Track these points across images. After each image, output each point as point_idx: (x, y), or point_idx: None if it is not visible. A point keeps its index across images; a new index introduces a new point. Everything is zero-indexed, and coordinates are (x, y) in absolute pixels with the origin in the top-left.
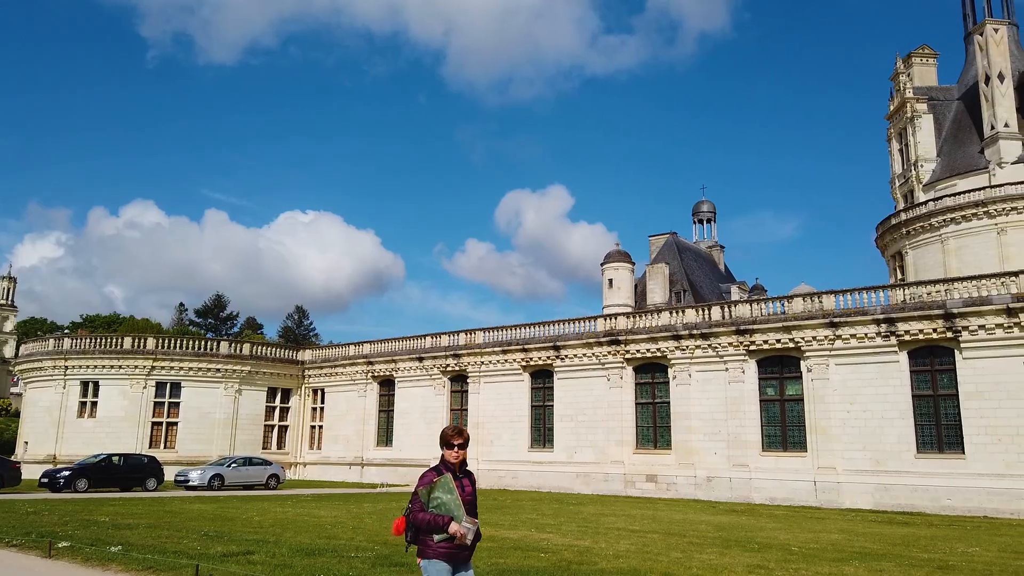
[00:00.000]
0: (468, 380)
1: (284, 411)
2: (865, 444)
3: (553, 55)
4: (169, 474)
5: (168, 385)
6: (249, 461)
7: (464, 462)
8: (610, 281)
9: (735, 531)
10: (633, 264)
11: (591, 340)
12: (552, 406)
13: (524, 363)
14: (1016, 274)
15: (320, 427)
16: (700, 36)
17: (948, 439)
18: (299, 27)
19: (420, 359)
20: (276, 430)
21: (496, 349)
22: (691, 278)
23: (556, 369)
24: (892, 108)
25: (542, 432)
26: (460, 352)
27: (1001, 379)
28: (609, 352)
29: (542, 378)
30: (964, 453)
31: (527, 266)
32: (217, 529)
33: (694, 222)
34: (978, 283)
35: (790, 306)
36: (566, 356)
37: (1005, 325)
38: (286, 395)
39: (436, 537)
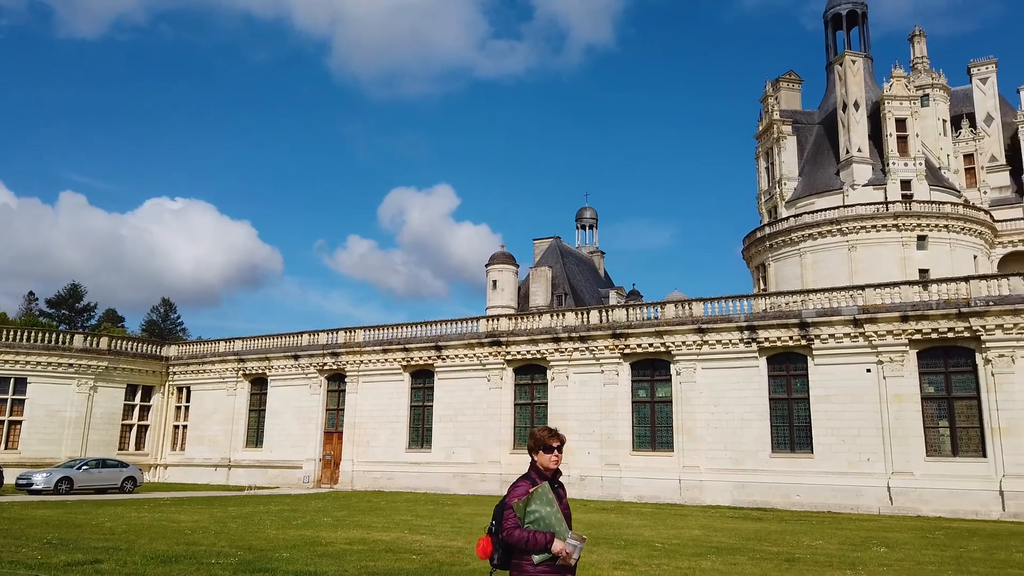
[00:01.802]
0: (346, 379)
1: (145, 410)
2: (727, 444)
3: (441, 55)
4: (10, 477)
5: (11, 380)
6: (103, 463)
7: (559, 470)
8: (494, 282)
9: (604, 529)
10: (517, 266)
11: (473, 341)
12: (432, 406)
13: (405, 363)
14: (863, 288)
15: (184, 427)
16: (586, 47)
17: (799, 440)
18: (172, 5)
19: (296, 357)
20: (135, 430)
21: (377, 348)
22: (572, 282)
23: (437, 369)
24: (761, 128)
25: (420, 433)
26: (339, 351)
27: (847, 384)
28: (490, 353)
29: (422, 378)
30: (813, 453)
31: (410, 265)
32: (62, 536)
33: (577, 227)
34: (830, 295)
35: (663, 312)
36: (447, 356)
37: (852, 335)
38: (148, 393)
39: (536, 558)
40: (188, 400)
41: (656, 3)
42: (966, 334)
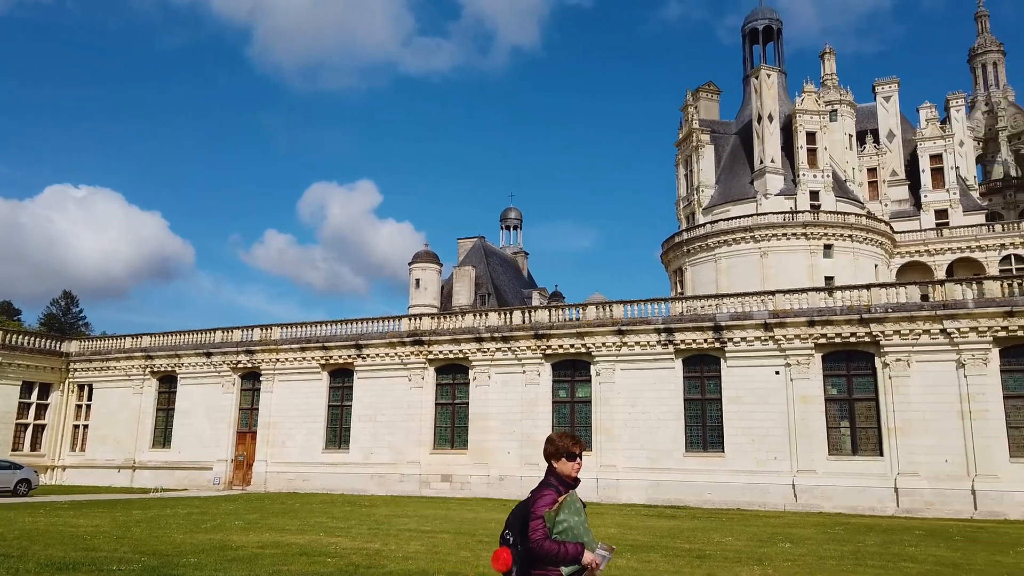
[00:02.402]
0: (261, 378)
1: (42, 408)
2: (643, 444)
3: (366, 48)
4: None
5: None
6: None
7: (578, 478)
8: (417, 281)
9: None
10: (441, 265)
11: (395, 340)
12: (351, 406)
13: (323, 361)
14: (773, 293)
15: (85, 427)
16: (513, 49)
17: (711, 439)
18: None
19: (208, 355)
20: (31, 430)
21: (294, 346)
22: (496, 282)
23: (357, 368)
24: (681, 136)
25: (338, 433)
26: (254, 348)
27: (756, 386)
28: (412, 352)
29: (341, 377)
30: (724, 452)
31: (331, 261)
32: None
33: (502, 228)
34: (743, 300)
35: (584, 314)
36: (368, 355)
37: (762, 338)
38: (45, 391)
39: (565, 570)
40: (90, 398)
41: (581, 9)
42: (867, 339)
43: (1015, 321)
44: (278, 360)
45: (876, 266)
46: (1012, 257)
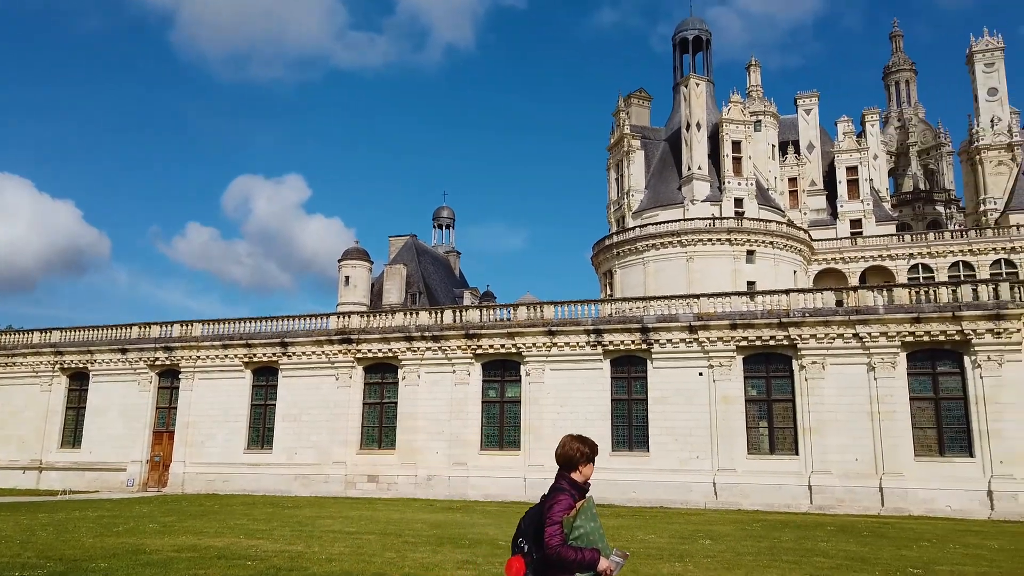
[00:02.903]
0: (181, 376)
1: None
2: None
3: (297, 40)
4: None
5: None
6: None
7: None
8: (347, 278)
9: (450, 528)
10: (371, 263)
11: (322, 338)
12: (275, 405)
13: (247, 359)
14: (698, 297)
15: None
16: (447, 48)
17: (637, 439)
18: None
19: (124, 351)
20: None
21: (216, 343)
22: (428, 281)
23: (282, 367)
24: (612, 141)
25: (261, 432)
26: (173, 345)
27: (681, 387)
28: (340, 351)
29: (266, 375)
30: (649, 451)
31: (256, 256)
32: None
33: (434, 226)
34: (669, 303)
35: (515, 314)
36: (294, 353)
37: (687, 340)
38: None
39: None
40: None
41: (515, 11)
42: (785, 342)
43: (921, 327)
44: (199, 358)
45: (795, 272)
46: (919, 266)
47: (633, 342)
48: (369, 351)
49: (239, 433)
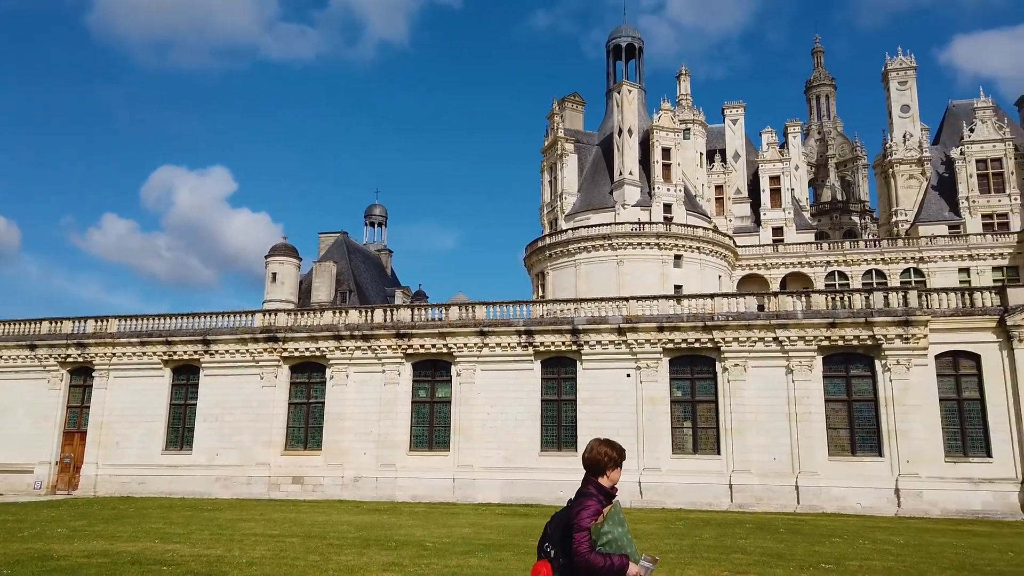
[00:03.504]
0: (95, 374)
1: None
2: (500, 443)
3: (223, 28)
4: None
5: None
6: None
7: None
8: (274, 275)
9: (376, 530)
10: (300, 260)
11: (247, 336)
12: (195, 405)
13: (166, 357)
14: (627, 299)
15: None
16: (381, 43)
17: (566, 439)
18: None
19: (32, 347)
20: None
21: (133, 340)
22: (358, 279)
23: (204, 365)
24: (546, 143)
25: (180, 433)
26: (87, 342)
27: (609, 388)
28: (266, 350)
29: (186, 374)
30: (577, 451)
31: (177, 250)
32: None
33: (366, 224)
34: (599, 305)
35: (447, 314)
36: (216, 351)
37: (616, 342)
38: None
39: None
40: None
41: (451, 10)
42: (709, 345)
43: (836, 332)
44: (115, 355)
45: (720, 277)
46: (836, 273)
47: (564, 343)
48: (296, 350)
49: (157, 434)
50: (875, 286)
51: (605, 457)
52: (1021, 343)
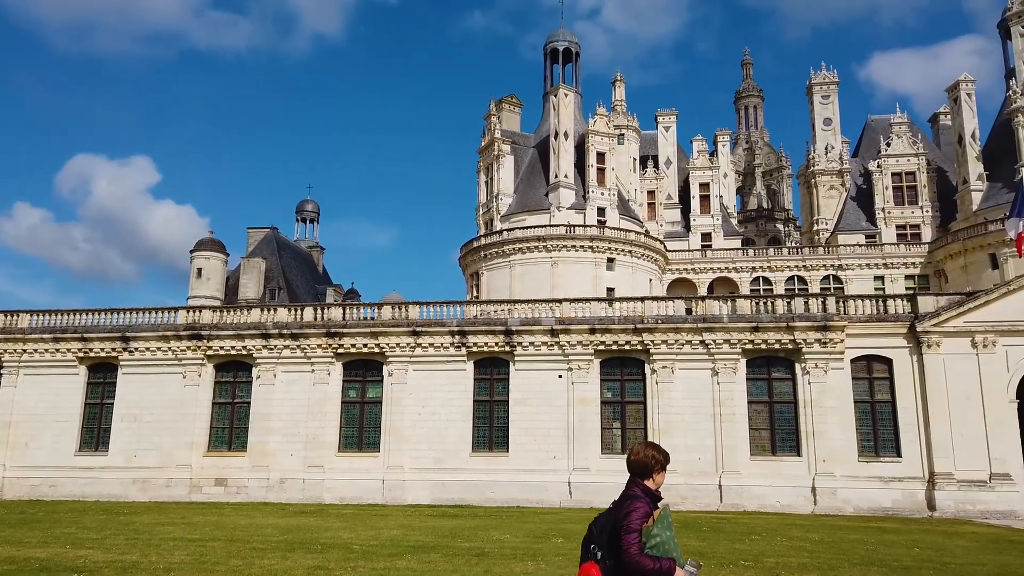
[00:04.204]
0: (3, 372)
1: None
2: (431, 444)
3: (149, 14)
4: None
5: None
6: None
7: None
8: (199, 270)
9: (301, 533)
10: (227, 255)
11: (169, 333)
12: (112, 404)
13: (81, 355)
14: (560, 301)
15: None
16: (315, 36)
17: (497, 440)
18: None
19: None
20: None
21: (46, 336)
22: (288, 276)
23: (122, 363)
24: (483, 144)
25: (96, 434)
26: None
27: (541, 389)
28: (189, 347)
29: (103, 372)
30: (508, 452)
31: (95, 242)
32: None
33: (297, 220)
34: (533, 306)
35: (380, 313)
36: (136, 349)
37: (548, 343)
38: None
39: None
40: None
41: (387, 6)
42: (639, 347)
43: (759, 336)
44: (24, 351)
45: (651, 280)
46: (761, 279)
47: (497, 344)
48: (221, 348)
49: (70, 434)
50: (797, 292)
51: (652, 460)
52: (930, 348)
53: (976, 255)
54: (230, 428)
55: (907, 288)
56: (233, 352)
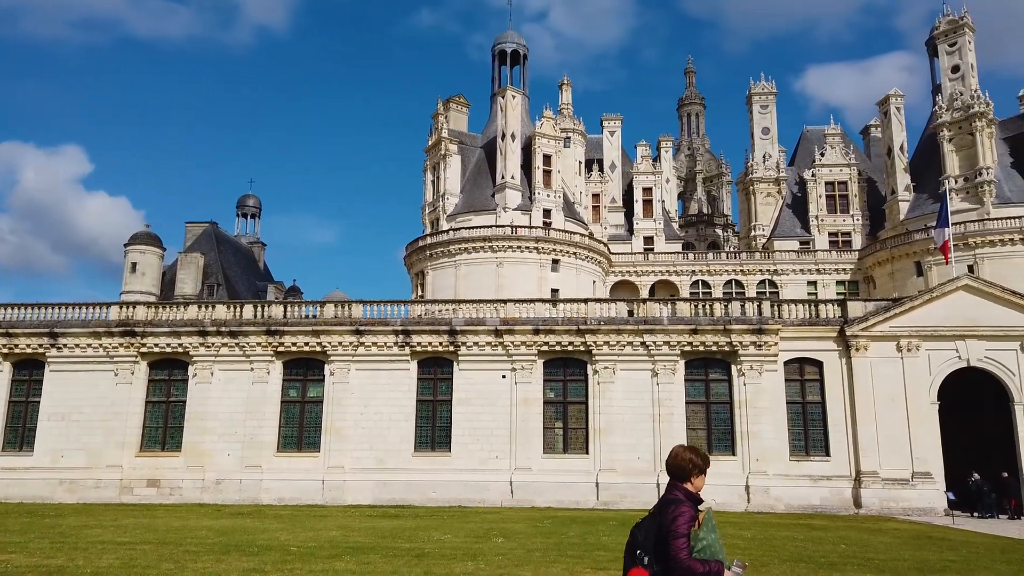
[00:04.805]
0: None
1: None
2: (373, 444)
3: None
4: None
5: None
6: None
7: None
8: (133, 265)
9: (237, 535)
10: (163, 250)
11: (101, 329)
12: (38, 402)
13: (6, 351)
14: (505, 302)
15: None
16: (258, 28)
17: (440, 439)
18: None
19: None
20: None
21: None
22: (228, 272)
23: (50, 360)
24: (430, 143)
25: (20, 433)
26: None
27: (485, 389)
28: (122, 344)
29: (28, 370)
30: (451, 452)
31: (21, 234)
32: None
33: (238, 215)
34: (478, 306)
35: (322, 312)
36: (65, 346)
37: (493, 343)
38: None
39: None
40: None
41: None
42: (582, 348)
43: (698, 337)
44: None
45: (595, 282)
46: (700, 282)
47: (441, 344)
48: (156, 345)
49: None
50: (734, 296)
51: (690, 463)
52: (858, 352)
53: (903, 263)
54: (164, 428)
55: (838, 293)
56: (168, 350)
